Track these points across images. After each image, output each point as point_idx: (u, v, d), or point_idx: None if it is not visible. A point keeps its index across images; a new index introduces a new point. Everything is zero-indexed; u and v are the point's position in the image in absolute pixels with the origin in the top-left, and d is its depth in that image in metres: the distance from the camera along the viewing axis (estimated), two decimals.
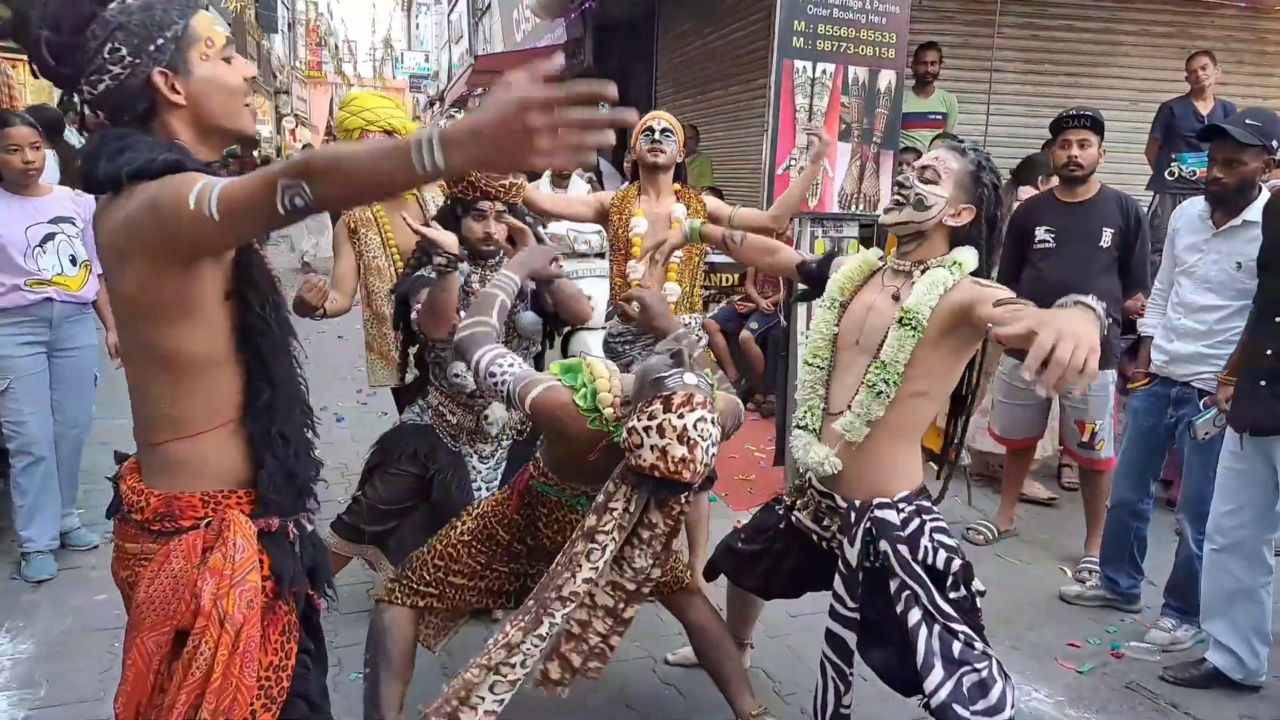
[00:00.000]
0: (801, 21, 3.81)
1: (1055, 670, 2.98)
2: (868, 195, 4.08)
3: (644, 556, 1.95)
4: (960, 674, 1.83)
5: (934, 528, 1.98)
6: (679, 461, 1.70)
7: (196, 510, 1.41)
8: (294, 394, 1.49)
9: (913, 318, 1.88)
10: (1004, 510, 4.10)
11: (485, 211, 2.61)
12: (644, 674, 2.83)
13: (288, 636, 1.44)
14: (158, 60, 1.38)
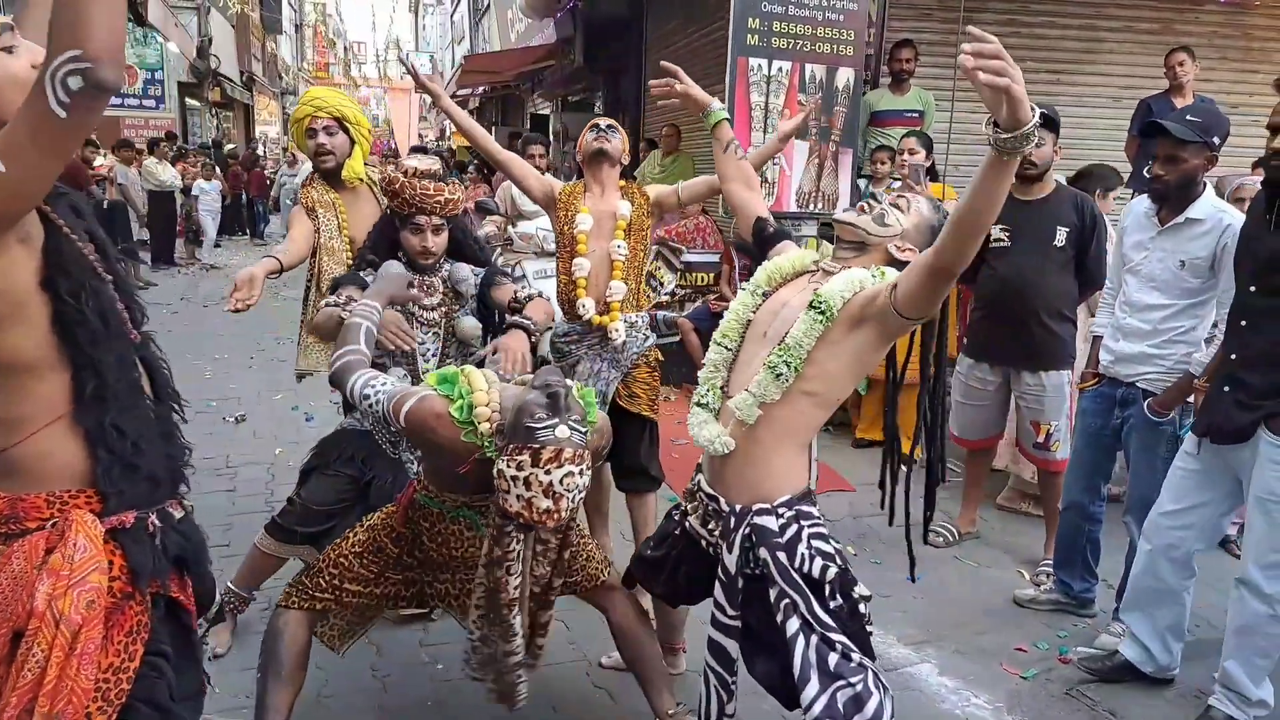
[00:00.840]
0: (756, 19, 3.78)
1: (999, 675, 2.94)
2: (826, 194, 4.05)
3: (544, 565, 2.05)
4: (835, 688, 1.77)
5: (812, 534, 1.92)
6: (543, 513, 1.80)
7: (41, 512, 1.39)
8: (132, 383, 1.46)
9: (823, 303, 1.83)
10: (965, 513, 4.05)
11: (422, 225, 2.60)
12: (576, 677, 2.80)
13: (133, 638, 1.41)
14: None
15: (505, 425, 1.88)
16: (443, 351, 2.76)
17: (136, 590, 1.42)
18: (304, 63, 42.14)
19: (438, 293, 2.72)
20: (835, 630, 1.82)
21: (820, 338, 1.83)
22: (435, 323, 2.71)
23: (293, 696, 2.23)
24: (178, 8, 18.29)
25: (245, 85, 24.00)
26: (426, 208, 2.57)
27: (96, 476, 1.41)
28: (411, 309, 2.66)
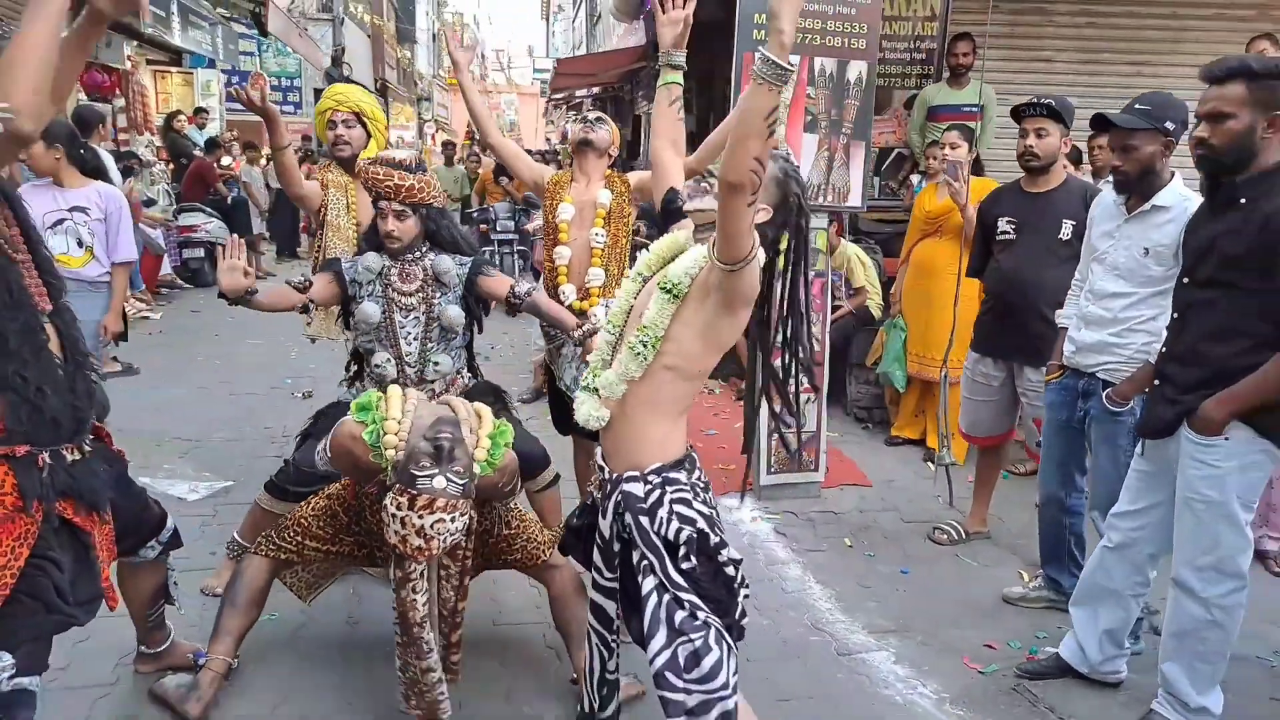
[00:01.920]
0: (762, 14, 3.83)
1: (957, 669, 2.91)
2: (836, 186, 4.05)
3: (448, 588, 2.31)
4: (678, 643, 1.84)
5: (674, 499, 1.96)
6: (415, 549, 2.06)
7: None
8: (36, 344, 1.73)
9: (670, 284, 1.91)
10: (975, 512, 3.97)
11: (383, 210, 2.76)
12: (532, 638, 2.95)
13: (20, 543, 1.67)
14: None
15: (398, 463, 2.09)
16: (424, 335, 2.94)
17: (26, 507, 1.68)
18: (440, 69, 43.90)
19: (416, 280, 2.88)
20: (686, 590, 1.89)
21: (674, 316, 1.91)
22: (414, 307, 2.86)
23: (245, 625, 2.50)
24: (314, 19, 19.55)
25: (379, 92, 25.31)
26: (383, 193, 2.74)
27: (4, 414, 1.67)
28: (391, 294, 2.87)
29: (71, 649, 2.70)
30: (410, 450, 2.09)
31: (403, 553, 2.07)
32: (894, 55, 6.36)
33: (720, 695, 1.84)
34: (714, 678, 1.83)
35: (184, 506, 3.86)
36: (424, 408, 2.21)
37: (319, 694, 2.60)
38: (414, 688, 2.25)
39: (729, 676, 1.85)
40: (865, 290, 5.70)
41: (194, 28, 11.67)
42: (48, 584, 1.72)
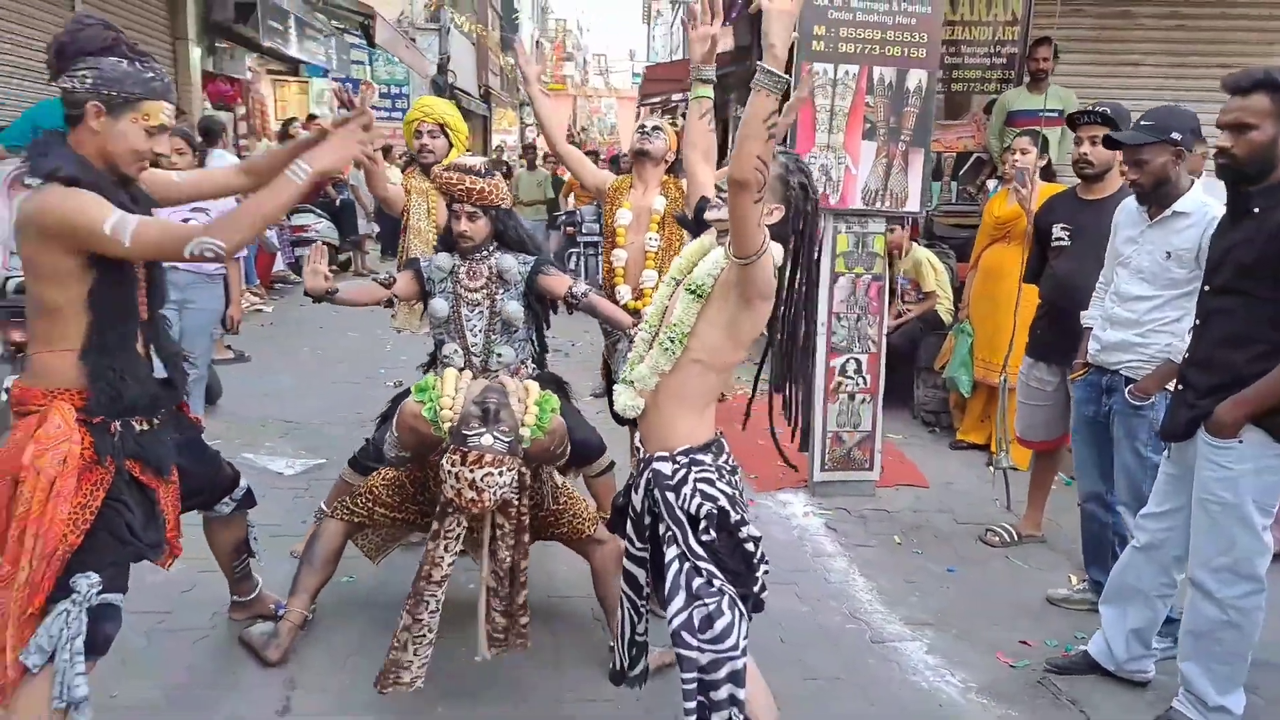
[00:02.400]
0: (822, 26, 3.97)
1: (988, 662, 3.00)
2: (894, 192, 4.15)
3: (504, 548, 2.51)
4: (694, 606, 2.01)
5: (698, 478, 2.09)
6: (469, 500, 2.31)
7: (38, 400, 2.05)
8: (129, 347, 2.13)
9: (694, 284, 2.08)
10: (1029, 515, 4.01)
11: (458, 212, 3.01)
12: (582, 611, 3.18)
13: (96, 488, 2.02)
14: (100, 96, 2.03)
15: (454, 424, 2.36)
16: (488, 328, 3.19)
17: (100, 461, 2.03)
18: (543, 75, 44.89)
19: (482, 277, 3.12)
20: (705, 560, 2.06)
21: (699, 314, 2.09)
22: (479, 302, 3.10)
23: (320, 582, 2.81)
24: (422, 29, 20.38)
25: (482, 98, 26.15)
26: (457, 196, 2.99)
27: (88, 388, 2.04)
28: (459, 290, 3.14)
29: (177, 598, 3.08)
30: (462, 414, 2.35)
31: (459, 505, 2.31)
32: (973, 60, 6.36)
33: (730, 655, 2.00)
34: (725, 639, 1.99)
35: (281, 480, 4.26)
36: (475, 384, 2.46)
37: (386, 649, 2.89)
38: (395, 640, 2.45)
39: (739, 639, 2.01)
40: (935, 295, 5.74)
41: (309, 39, 12.42)
42: (121, 521, 2.06)
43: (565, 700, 2.68)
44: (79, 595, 1.96)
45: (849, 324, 4.29)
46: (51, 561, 1.94)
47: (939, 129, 6.51)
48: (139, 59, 2.08)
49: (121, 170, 2.10)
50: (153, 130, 2.08)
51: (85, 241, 1.94)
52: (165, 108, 2.10)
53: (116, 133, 2.04)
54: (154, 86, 2.08)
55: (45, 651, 1.93)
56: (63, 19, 7.25)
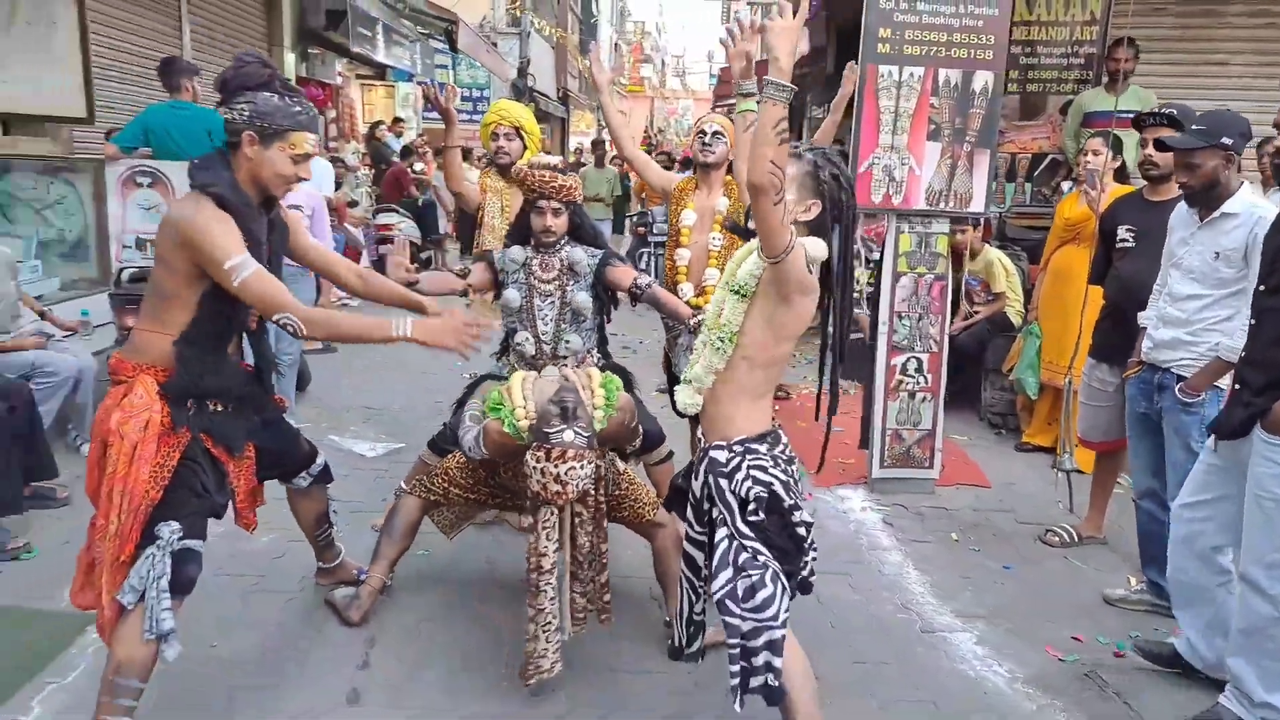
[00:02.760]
0: (888, 29, 4.04)
1: (1036, 655, 3.04)
2: (958, 193, 4.19)
3: (583, 534, 2.67)
4: (739, 578, 2.13)
5: (751, 465, 2.21)
6: (555, 493, 2.47)
7: (127, 371, 2.30)
8: (220, 349, 2.40)
9: (738, 286, 2.21)
10: (1091, 517, 4.01)
11: (543, 209, 3.17)
12: (642, 590, 3.33)
13: (173, 450, 2.26)
14: (254, 127, 2.30)
15: (534, 425, 2.53)
16: (558, 317, 3.37)
17: (176, 429, 2.27)
18: (621, 77, 45.21)
19: (554, 269, 3.28)
20: (751, 539, 2.19)
21: (745, 313, 2.22)
22: (551, 293, 3.27)
23: (398, 552, 3.03)
24: (504, 34, 20.84)
25: (560, 100, 26.58)
26: (544, 193, 3.15)
27: (172, 369, 2.29)
28: (532, 282, 3.32)
29: (269, 564, 3.34)
30: (541, 414, 2.52)
31: (545, 498, 2.48)
32: (1049, 60, 6.31)
33: (769, 624, 2.13)
34: (765, 609, 2.12)
35: (363, 462, 4.53)
36: (542, 383, 2.63)
37: (456, 617, 3.10)
38: (529, 634, 2.59)
39: (779, 611, 2.14)
40: (1004, 296, 5.72)
41: (396, 45, 12.89)
42: (195, 479, 2.30)
43: (620, 671, 2.84)
44: (162, 541, 2.19)
45: (910, 323, 4.34)
46: (137, 515, 2.18)
47: (1013, 130, 6.49)
48: (289, 94, 2.33)
49: (268, 191, 2.36)
50: (298, 158, 2.34)
51: (205, 263, 2.21)
52: (310, 138, 2.36)
53: (267, 159, 2.30)
54: (300, 119, 2.33)
55: (136, 591, 2.17)
56: (171, 29, 7.74)
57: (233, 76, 2.31)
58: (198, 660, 2.74)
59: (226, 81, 2.32)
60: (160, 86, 5.69)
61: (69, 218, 5.74)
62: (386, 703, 2.62)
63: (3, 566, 3.27)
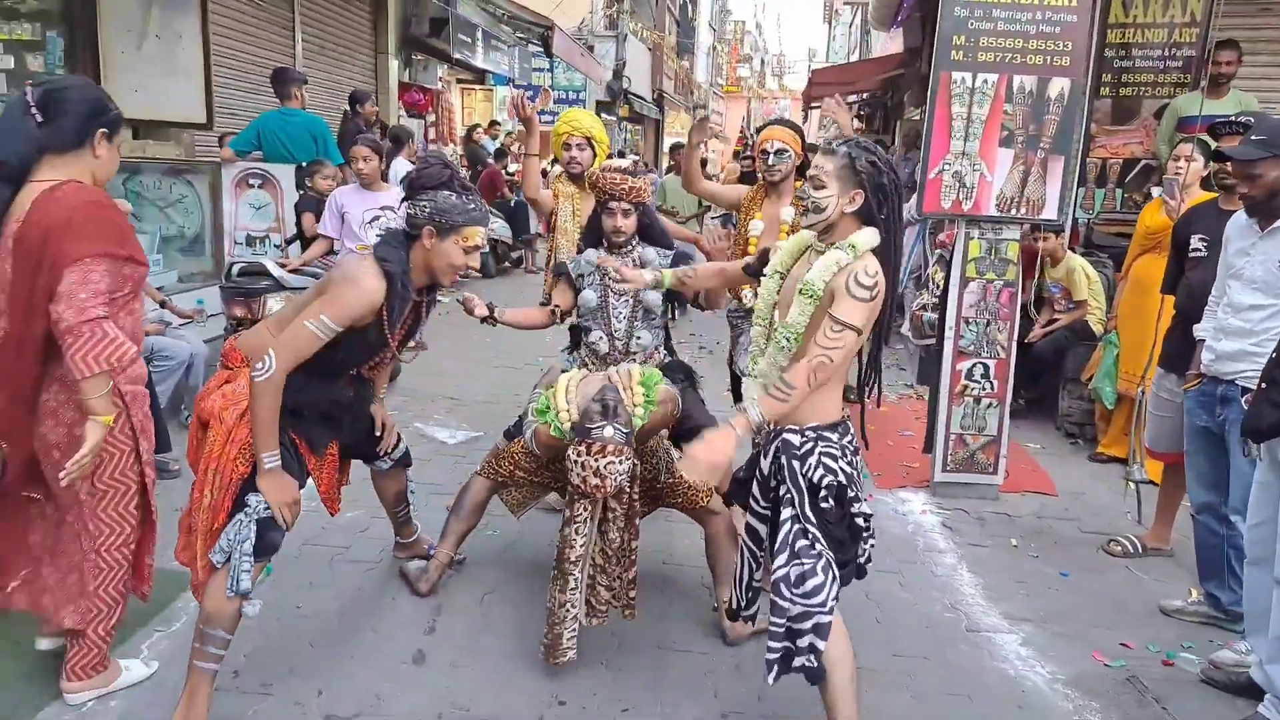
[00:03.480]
0: (962, 36, 4.08)
1: (1082, 659, 3.06)
2: (1031, 200, 4.19)
3: (614, 529, 2.79)
4: (793, 563, 2.26)
5: (824, 452, 2.31)
6: (594, 486, 2.59)
7: (237, 362, 2.55)
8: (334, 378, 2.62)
9: (809, 289, 2.28)
10: (1156, 529, 3.96)
11: (613, 210, 3.38)
12: (693, 577, 3.48)
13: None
14: (434, 222, 2.53)
15: (575, 422, 2.70)
16: (631, 315, 3.54)
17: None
18: (718, 78, 45.22)
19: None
20: (814, 525, 2.29)
21: (811, 314, 2.30)
22: (625, 292, 3.42)
23: (465, 529, 3.27)
24: (601, 37, 21.21)
25: (655, 102, 26.83)
26: (615, 194, 3.35)
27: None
28: (608, 282, 3.50)
29: (355, 536, 3.64)
30: (583, 411, 2.69)
31: (584, 491, 2.63)
32: (1144, 63, 6.17)
33: (817, 610, 2.25)
34: (814, 595, 2.25)
35: (444, 448, 4.82)
36: (585, 385, 2.81)
37: (517, 592, 3.31)
38: (548, 619, 2.73)
39: (828, 598, 2.26)
40: (1085, 304, 5.63)
41: (494, 50, 13.35)
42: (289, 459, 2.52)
43: (666, 649, 3.00)
44: (249, 509, 2.42)
45: (978, 329, 4.36)
46: (228, 490, 2.42)
47: (1104, 134, 6.37)
48: (465, 193, 2.57)
49: (436, 278, 2.61)
50: (469, 249, 2.58)
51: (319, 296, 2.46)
52: (481, 231, 2.60)
53: (442, 250, 2.54)
54: (474, 216, 2.57)
55: (225, 552, 2.40)
56: (284, 38, 8.26)
57: (418, 177, 2.56)
58: (286, 618, 3.04)
59: (413, 182, 2.57)
60: (272, 94, 6.13)
61: (188, 215, 6.25)
62: (449, 665, 2.85)
63: None
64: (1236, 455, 2.97)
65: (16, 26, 5.67)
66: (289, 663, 2.80)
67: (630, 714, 2.66)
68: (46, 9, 5.66)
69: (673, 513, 3.28)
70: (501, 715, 2.62)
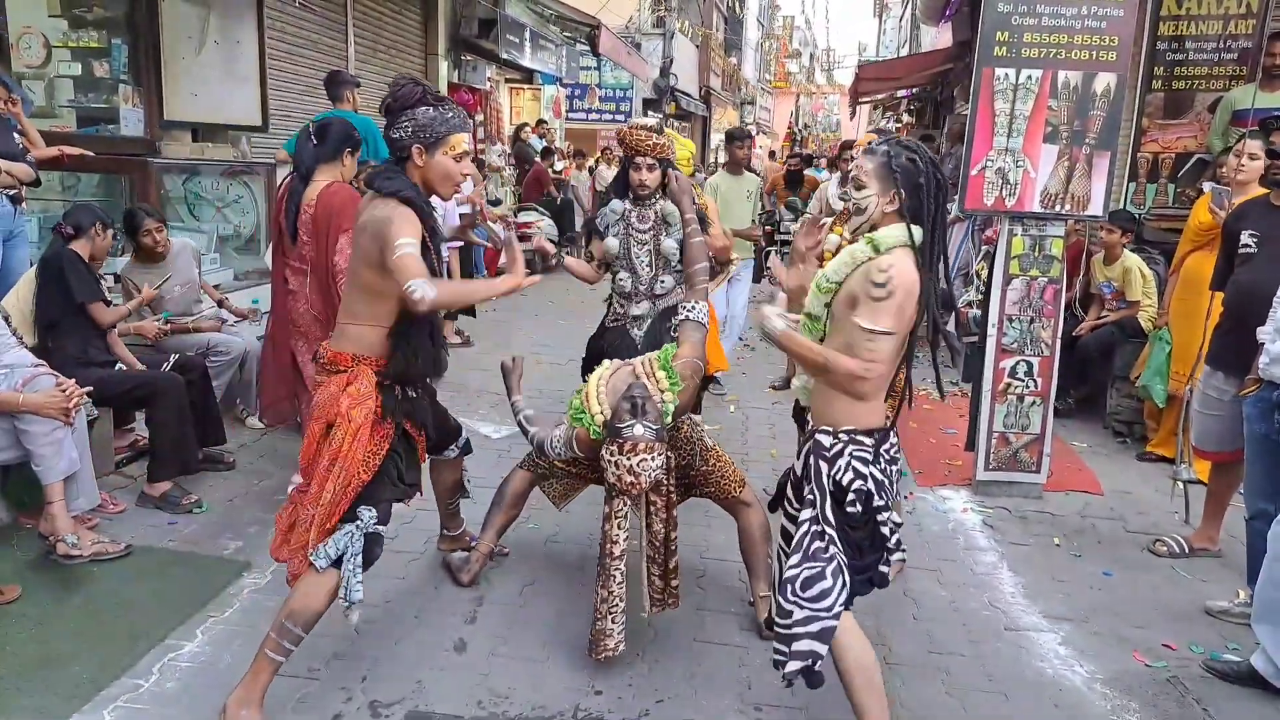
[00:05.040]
0: (1005, 32, 4.05)
1: (1122, 659, 3.04)
2: (1075, 195, 4.14)
3: (657, 521, 2.85)
4: (804, 565, 2.23)
5: (855, 455, 2.27)
6: (629, 484, 2.64)
7: (345, 362, 2.56)
8: (424, 330, 2.61)
9: (822, 282, 2.34)
10: (1203, 529, 3.89)
11: (639, 165, 3.56)
12: (730, 572, 3.51)
13: (384, 439, 2.54)
14: (419, 140, 2.57)
15: (607, 423, 2.74)
16: (653, 261, 3.65)
17: (384, 419, 2.55)
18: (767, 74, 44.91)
19: (650, 220, 3.64)
20: (832, 527, 2.25)
21: (831, 311, 2.33)
22: (646, 241, 3.63)
23: (507, 521, 3.35)
24: (648, 34, 21.25)
25: (702, 99, 26.78)
26: (641, 150, 3.53)
27: (387, 359, 2.56)
28: (630, 231, 3.62)
29: (399, 526, 3.73)
30: (614, 409, 2.74)
31: (620, 489, 2.67)
32: (1198, 56, 6.03)
33: (822, 614, 2.22)
34: (820, 600, 2.22)
35: (488, 442, 4.92)
36: (614, 382, 2.85)
37: (557, 586, 3.38)
38: (594, 613, 2.76)
39: (834, 604, 2.22)
40: (1139, 304, 5.53)
41: (542, 50, 13.45)
42: (394, 469, 2.60)
43: (701, 641, 3.04)
44: (361, 522, 2.49)
45: (1021, 326, 4.32)
46: (347, 491, 2.48)
47: (1156, 128, 6.24)
48: (440, 103, 2.61)
49: (438, 194, 2.63)
50: (459, 157, 2.61)
51: (384, 246, 2.43)
52: (464, 137, 2.63)
53: (434, 164, 2.57)
54: (454, 123, 2.61)
55: (329, 557, 2.46)
56: (338, 42, 8.45)
57: (393, 101, 2.59)
58: (333, 605, 3.13)
59: (389, 107, 2.60)
60: (325, 96, 6.28)
61: (244, 215, 6.45)
62: (489, 654, 2.93)
63: (178, 519, 3.81)
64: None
65: (84, 35, 5.93)
66: (335, 648, 2.90)
67: (665, 705, 2.71)
68: (112, 17, 5.89)
69: (711, 507, 3.32)
70: (539, 704, 2.69)
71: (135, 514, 3.84)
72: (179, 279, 4.67)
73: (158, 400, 3.88)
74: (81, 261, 3.92)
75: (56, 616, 3.01)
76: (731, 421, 5.59)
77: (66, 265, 3.85)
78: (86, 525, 3.52)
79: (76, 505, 3.41)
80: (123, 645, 2.85)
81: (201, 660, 2.82)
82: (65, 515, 3.31)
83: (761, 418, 5.67)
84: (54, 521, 3.28)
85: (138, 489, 3.98)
